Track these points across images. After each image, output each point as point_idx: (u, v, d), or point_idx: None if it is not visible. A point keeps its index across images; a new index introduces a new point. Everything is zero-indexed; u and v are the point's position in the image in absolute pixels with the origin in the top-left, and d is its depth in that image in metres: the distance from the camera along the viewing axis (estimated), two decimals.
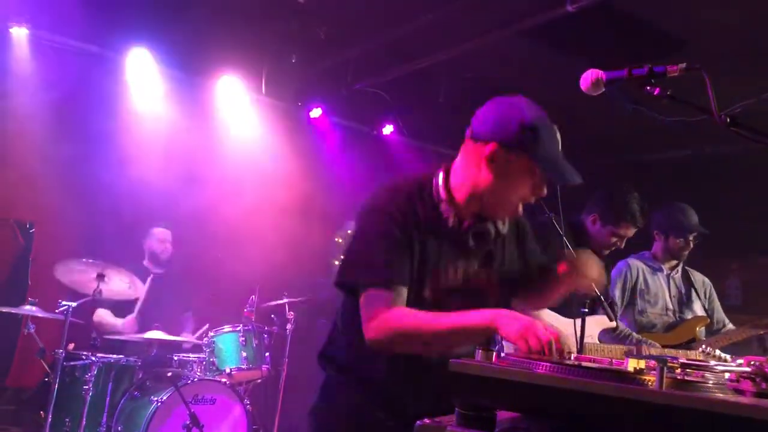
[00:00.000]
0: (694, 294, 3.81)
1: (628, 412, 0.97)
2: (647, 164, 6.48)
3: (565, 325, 2.93)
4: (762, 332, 3.54)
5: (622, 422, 0.99)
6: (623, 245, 3.43)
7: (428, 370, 1.59)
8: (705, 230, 3.71)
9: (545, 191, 1.74)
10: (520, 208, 1.78)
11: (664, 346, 3.29)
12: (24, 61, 4.89)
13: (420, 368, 1.71)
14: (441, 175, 1.80)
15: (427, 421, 1.12)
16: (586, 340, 2.95)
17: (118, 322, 4.47)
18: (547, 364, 1.07)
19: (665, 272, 3.82)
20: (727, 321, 3.82)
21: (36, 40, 4.89)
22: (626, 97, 1.58)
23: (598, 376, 1.01)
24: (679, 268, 3.87)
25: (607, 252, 3.45)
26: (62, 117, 4.98)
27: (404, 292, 1.68)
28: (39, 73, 4.93)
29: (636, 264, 3.79)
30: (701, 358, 2.72)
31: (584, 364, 1.11)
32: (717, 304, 3.87)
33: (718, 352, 2.79)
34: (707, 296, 3.85)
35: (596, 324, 3.15)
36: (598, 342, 3.13)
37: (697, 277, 3.89)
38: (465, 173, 1.76)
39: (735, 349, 3.54)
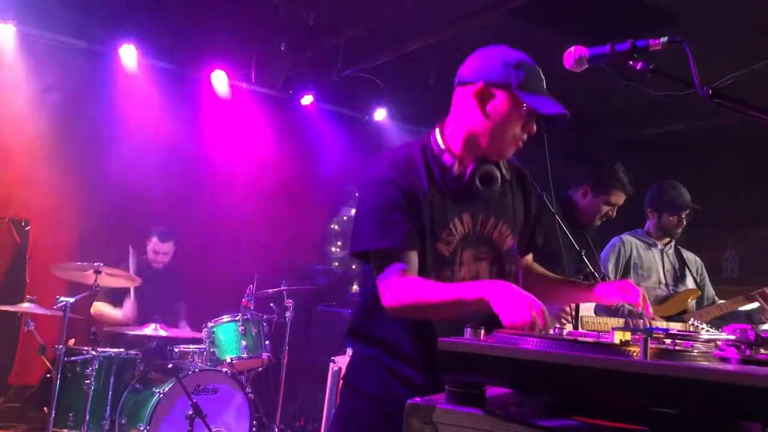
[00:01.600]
0: (686, 270, 3.86)
1: (614, 384, 0.98)
2: (640, 139, 6.47)
3: None
4: (751, 307, 3.59)
5: (610, 394, 1.00)
6: (614, 214, 3.46)
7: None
8: (697, 206, 3.75)
9: (535, 128, 1.78)
10: (514, 148, 1.81)
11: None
12: (13, 59, 4.87)
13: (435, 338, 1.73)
14: (437, 131, 1.86)
15: (417, 400, 1.13)
16: (582, 313, 2.99)
17: (117, 313, 4.49)
18: (534, 339, 1.08)
19: (659, 247, 3.86)
20: (717, 298, 3.89)
21: (23, 37, 4.86)
22: (616, 73, 1.58)
23: (583, 350, 1.02)
24: (672, 245, 3.91)
25: (599, 223, 3.48)
26: (54, 114, 4.96)
27: (414, 256, 1.71)
28: (29, 71, 4.90)
29: (629, 239, 3.84)
30: (690, 330, 2.75)
31: (570, 337, 1.12)
32: (708, 281, 3.95)
33: (705, 325, 2.83)
34: (698, 273, 3.91)
35: None
36: (594, 315, 3.19)
37: (689, 256, 3.95)
38: (458, 119, 1.82)
39: (725, 321, 3.58)
